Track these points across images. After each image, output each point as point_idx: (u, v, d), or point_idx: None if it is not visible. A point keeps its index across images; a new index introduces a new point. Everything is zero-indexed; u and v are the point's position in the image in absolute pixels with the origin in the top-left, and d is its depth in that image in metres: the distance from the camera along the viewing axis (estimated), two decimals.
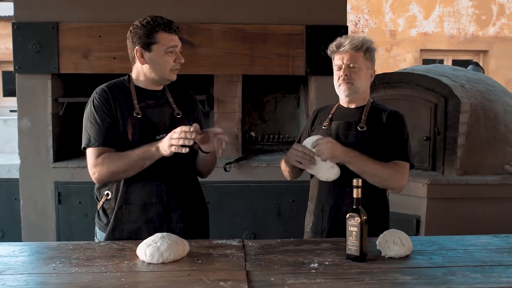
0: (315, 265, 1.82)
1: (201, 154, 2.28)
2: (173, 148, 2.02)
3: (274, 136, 4.51)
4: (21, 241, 3.87)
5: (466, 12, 10.28)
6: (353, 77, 2.32)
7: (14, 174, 4.44)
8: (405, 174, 2.31)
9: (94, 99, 2.21)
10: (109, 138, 2.17)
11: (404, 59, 10.26)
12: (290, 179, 2.59)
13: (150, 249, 1.83)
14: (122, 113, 2.19)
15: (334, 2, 4.10)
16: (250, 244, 2.08)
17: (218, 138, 2.14)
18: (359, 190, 1.89)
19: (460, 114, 4.07)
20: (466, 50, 10.41)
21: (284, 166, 2.52)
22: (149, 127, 2.20)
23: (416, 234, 3.95)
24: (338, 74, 2.36)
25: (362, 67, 2.33)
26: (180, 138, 2.00)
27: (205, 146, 2.20)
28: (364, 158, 2.24)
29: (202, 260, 1.87)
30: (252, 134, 4.49)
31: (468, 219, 3.97)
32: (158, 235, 1.90)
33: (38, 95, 3.95)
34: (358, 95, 2.38)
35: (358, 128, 2.34)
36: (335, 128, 2.39)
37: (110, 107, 2.19)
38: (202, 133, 2.16)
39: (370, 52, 2.36)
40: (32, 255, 1.96)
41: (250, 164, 4.08)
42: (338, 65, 2.36)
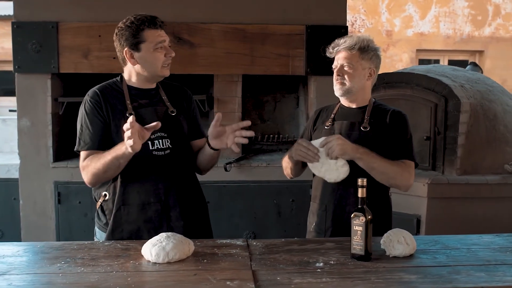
0: (321, 264, 1.82)
1: (207, 149, 2.25)
2: (130, 142, 1.91)
3: (274, 136, 4.52)
4: (20, 241, 3.86)
5: (462, 12, 10.32)
6: (346, 76, 2.34)
7: (14, 174, 4.43)
8: (412, 173, 2.32)
9: (86, 102, 2.20)
10: (99, 141, 2.16)
11: (400, 59, 10.29)
12: (291, 177, 2.58)
13: (156, 248, 1.83)
14: (114, 114, 2.18)
15: (334, 2, 4.11)
16: (254, 243, 2.08)
17: (238, 135, 2.13)
18: (364, 189, 1.89)
19: (460, 114, 4.08)
20: (462, 50, 10.45)
21: (286, 163, 2.51)
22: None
23: (416, 234, 3.96)
24: (334, 74, 2.39)
25: (356, 67, 2.34)
26: (127, 134, 1.93)
27: (214, 142, 2.19)
28: (373, 155, 2.24)
29: (207, 259, 1.87)
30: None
31: (468, 219, 3.98)
32: (163, 235, 1.90)
33: (37, 95, 3.94)
34: (354, 95, 2.39)
35: (362, 128, 2.35)
36: (338, 128, 2.40)
37: (101, 110, 2.17)
38: (220, 126, 2.15)
39: (366, 51, 2.36)
40: (36, 255, 1.95)
41: (250, 164, 4.08)
42: (334, 65, 2.39)
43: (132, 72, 2.24)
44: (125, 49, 2.17)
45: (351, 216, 1.88)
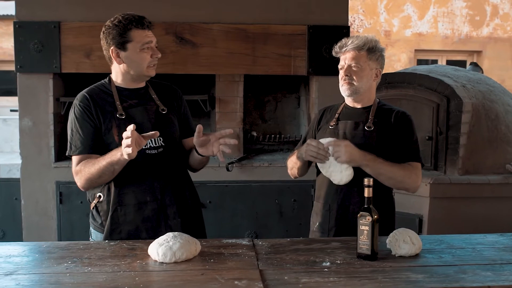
0: (327, 263, 1.83)
1: (196, 155, 2.24)
2: (129, 150, 1.93)
3: (275, 136, 4.52)
4: (22, 241, 3.85)
5: (460, 12, 10.33)
6: (354, 77, 2.34)
7: (15, 174, 4.42)
8: (419, 175, 2.33)
9: (75, 106, 2.20)
10: (90, 145, 2.16)
11: (399, 59, 10.30)
12: (295, 177, 2.58)
13: (163, 248, 1.83)
14: (105, 116, 2.17)
15: (335, 3, 4.11)
16: (260, 243, 2.08)
17: (222, 143, 2.12)
18: (370, 189, 1.90)
19: (462, 114, 4.09)
20: (460, 50, 10.47)
21: (293, 162, 2.50)
22: None
23: (418, 234, 3.95)
24: (341, 74, 2.38)
25: (364, 67, 2.34)
26: (126, 142, 1.94)
27: (202, 150, 2.17)
28: (380, 161, 2.24)
29: (214, 259, 1.87)
30: (253, 134, 4.49)
31: (470, 218, 3.99)
32: (170, 235, 1.90)
33: (39, 95, 3.94)
34: (361, 95, 2.39)
35: (366, 128, 2.35)
36: (343, 127, 2.40)
37: (91, 113, 2.17)
38: (204, 135, 2.14)
39: (373, 52, 2.37)
40: (42, 255, 1.95)
41: (252, 163, 4.08)
42: (341, 65, 2.39)
43: (118, 72, 2.23)
44: (111, 47, 2.16)
45: (358, 215, 1.89)
